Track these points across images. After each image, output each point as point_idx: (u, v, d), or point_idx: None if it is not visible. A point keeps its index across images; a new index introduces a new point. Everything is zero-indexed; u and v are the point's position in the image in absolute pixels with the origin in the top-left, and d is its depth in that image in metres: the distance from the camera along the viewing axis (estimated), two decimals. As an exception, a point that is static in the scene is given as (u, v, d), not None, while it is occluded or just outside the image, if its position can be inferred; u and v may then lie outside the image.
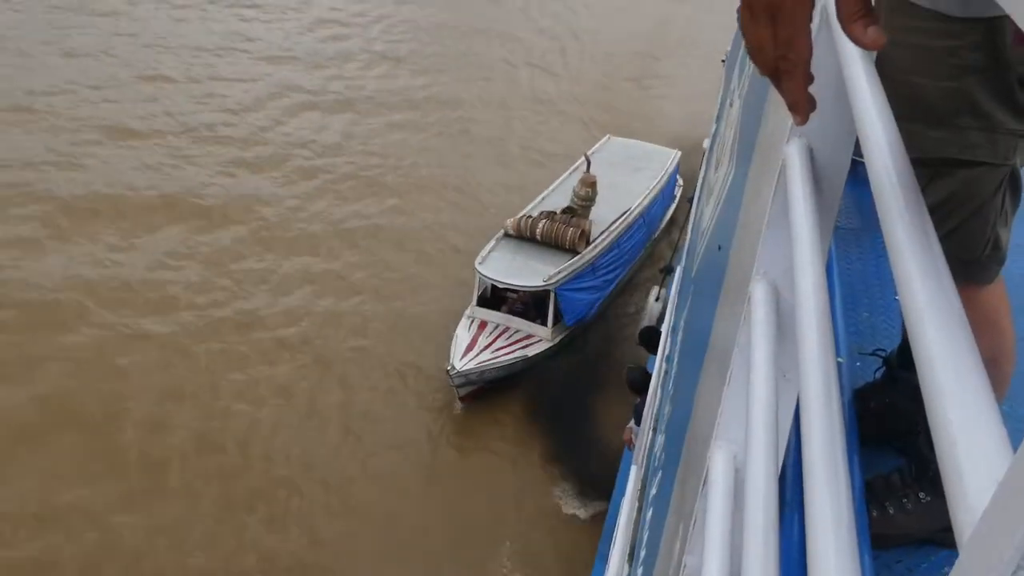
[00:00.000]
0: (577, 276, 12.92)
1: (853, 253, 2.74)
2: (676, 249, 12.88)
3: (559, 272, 12.57)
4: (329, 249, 14.94)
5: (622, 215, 14.05)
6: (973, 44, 1.40)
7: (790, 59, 0.76)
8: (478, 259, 12.98)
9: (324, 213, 15.84)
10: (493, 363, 12.13)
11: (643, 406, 6.80)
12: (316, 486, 10.76)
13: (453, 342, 12.39)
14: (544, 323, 12.79)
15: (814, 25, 0.89)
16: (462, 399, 12.13)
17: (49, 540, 9.43)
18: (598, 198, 13.79)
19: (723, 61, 10.64)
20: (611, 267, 13.79)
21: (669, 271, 12.03)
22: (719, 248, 2.41)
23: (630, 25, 26.72)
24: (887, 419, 1.97)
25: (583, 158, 14.57)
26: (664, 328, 6.28)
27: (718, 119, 5.76)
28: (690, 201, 11.40)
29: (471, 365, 11.91)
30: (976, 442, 0.49)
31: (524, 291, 12.91)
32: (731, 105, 3.85)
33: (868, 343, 2.25)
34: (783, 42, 0.74)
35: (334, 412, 11.79)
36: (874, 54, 1.05)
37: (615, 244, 13.75)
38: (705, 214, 3.72)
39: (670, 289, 9.62)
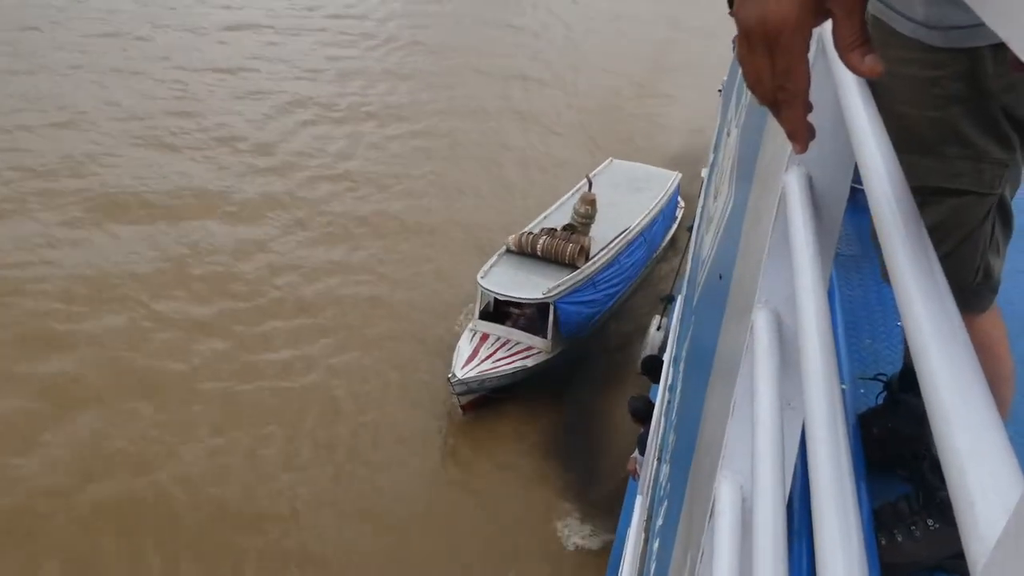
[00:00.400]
0: (577, 290, 13.24)
1: (854, 279, 2.74)
2: (676, 278, 12.91)
3: (558, 285, 12.89)
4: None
5: (621, 233, 14.40)
6: (955, 74, 1.41)
7: (788, 89, 0.76)
8: (480, 273, 13.31)
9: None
10: (493, 372, 12.44)
11: (647, 435, 6.77)
12: (312, 523, 10.73)
13: (455, 353, 12.71)
14: (544, 335, 13.10)
15: (811, 54, 0.89)
16: (463, 407, 12.40)
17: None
18: (599, 217, 14.17)
19: (719, 91, 10.72)
20: (611, 282, 14.09)
21: (670, 300, 12.05)
22: (720, 277, 2.41)
23: (632, 49, 27.55)
24: (890, 444, 1.96)
25: (585, 179, 14.96)
26: (666, 357, 6.26)
27: (716, 149, 5.79)
28: (689, 230, 11.44)
29: (472, 373, 12.23)
30: (986, 469, 0.48)
31: (525, 303, 13.21)
32: (728, 135, 3.87)
33: (870, 368, 2.25)
34: (781, 72, 0.75)
35: (339, 440, 11.88)
36: (869, 82, 1.06)
37: (615, 260, 14.08)
38: (705, 243, 3.72)
39: (671, 318, 9.62)
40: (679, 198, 17.14)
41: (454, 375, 12.08)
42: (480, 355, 12.68)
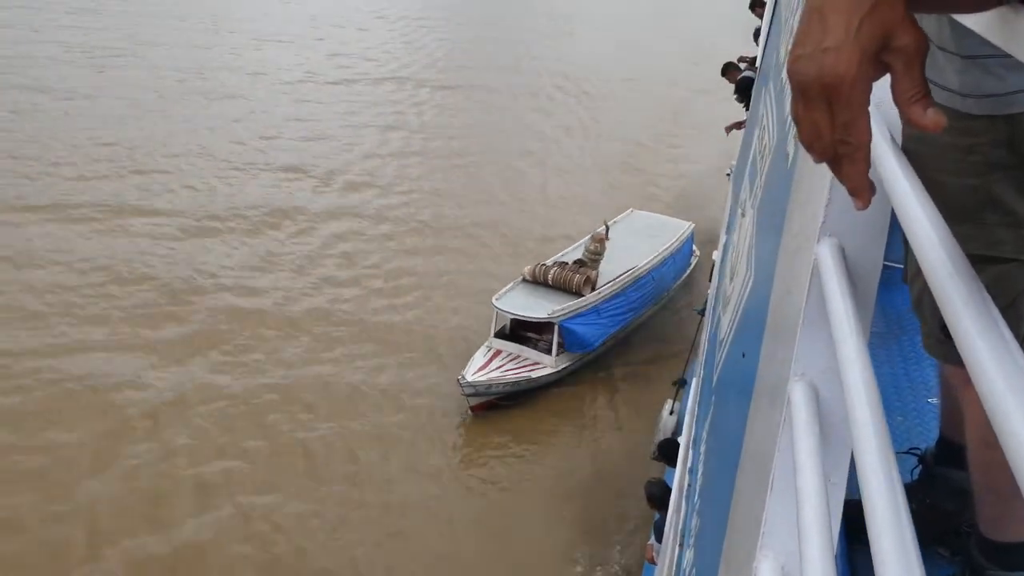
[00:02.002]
0: (580, 314, 15.04)
1: (881, 357, 2.70)
2: (688, 362, 12.91)
3: (563, 308, 14.85)
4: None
5: (628, 271, 16.42)
6: (993, 141, 1.40)
7: (851, 143, 0.74)
8: (495, 296, 15.32)
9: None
10: (500, 379, 14.19)
11: (663, 522, 6.62)
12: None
13: (470, 362, 14.44)
14: (549, 352, 14.91)
15: None
16: (472, 408, 14.06)
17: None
18: (613, 256, 16.33)
19: (728, 175, 10.84)
20: (615, 312, 15.91)
21: (682, 384, 11.99)
22: (743, 356, 2.37)
23: (651, 109, 30.32)
24: (929, 520, 1.90)
25: (603, 224, 16.93)
26: (683, 440, 6.17)
27: (728, 231, 5.79)
28: (700, 313, 11.44)
29: (481, 378, 13.99)
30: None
31: (532, 321, 14.99)
32: (743, 215, 3.87)
33: (903, 445, 2.20)
34: (841, 126, 0.73)
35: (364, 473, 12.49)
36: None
37: (620, 293, 16.02)
38: (723, 323, 3.70)
39: (685, 402, 9.53)
40: (694, 246, 18.98)
41: (464, 377, 13.82)
42: (491, 366, 14.41)
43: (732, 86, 13.91)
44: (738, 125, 13.32)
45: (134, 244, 17.84)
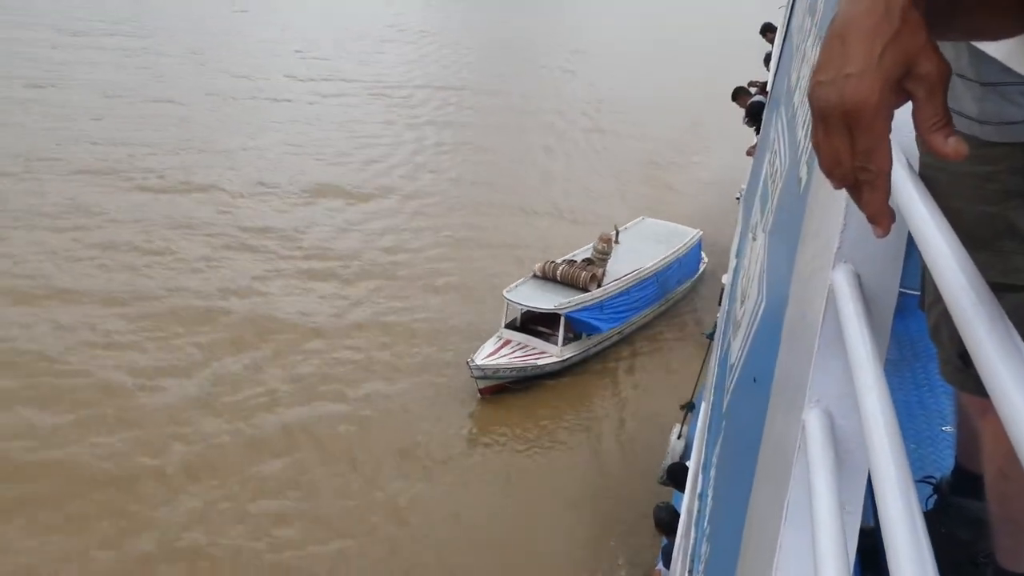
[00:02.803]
0: (585, 308, 16.12)
1: (893, 384, 2.68)
2: (697, 386, 12.86)
3: (568, 301, 15.99)
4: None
5: (632, 271, 17.49)
6: (1011, 168, 1.40)
7: (871, 170, 0.73)
8: (506, 289, 16.50)
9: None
10: (507, 364, 15.20)
11: (672, 547, 6.57)
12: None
13: (480, 348, 15.41)
14: (555, 343, 15.87)
15: None
16: (481, 391, 14.99)
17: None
18: (621, 257, 17.60)
19: (737, 198, 10.84)
20: (618, 309, 16.94)
21: (691, 408, 11.93)
22: (755, 380, 2.36)
23: (669, 121, 31.72)
24: (945, 550, 1.87)
25: (614, 229, 18.42)
26: (692, 465, 6.13)
27: (738, 254, 5.78)
28: (709, 337, 11.41)
29: (488, 362, 15.00)
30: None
31: (539, 313, 16.06)
32: (754, 239, 3.87)
33: (917, 473, 2.18)
34: (862, 153, 0.73)
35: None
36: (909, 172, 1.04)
37: (625, 291, 17.10)
38: (734, 348, 3.68)
39: (693, 426, 9.48)
40: (702, 252, 19.96)
41: (473, 360, 14.87)
42: (500, 353, 15.44)
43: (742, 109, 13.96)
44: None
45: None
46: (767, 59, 14.13)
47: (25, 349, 14.69)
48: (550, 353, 15.85)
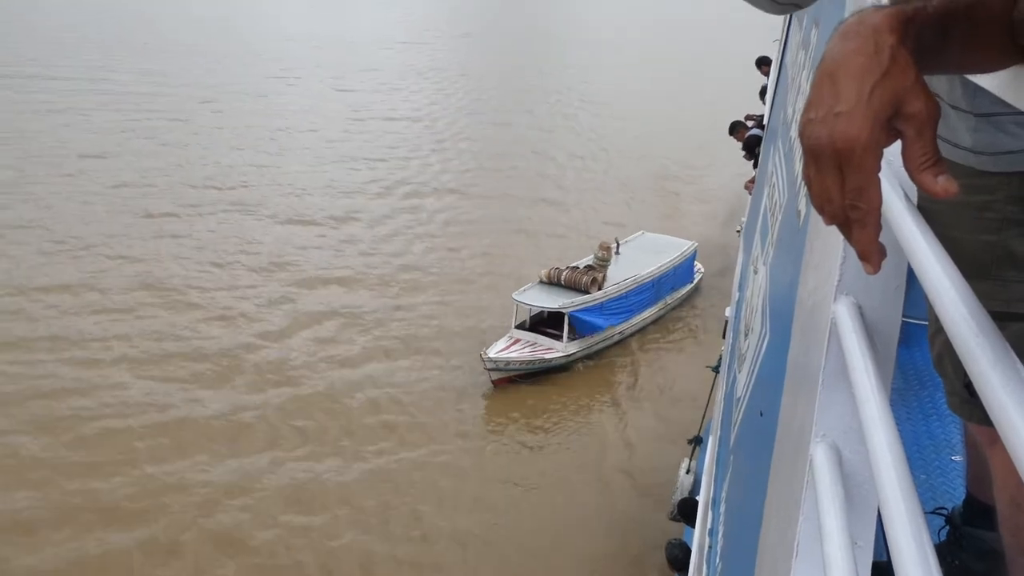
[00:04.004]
0: (587, 308, 18.00)
1: (901, 415, 2.66)
2: (704, 420, 12.82)
3: (571, 302, 17.92)
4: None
5: (630, 277, 19.39)
6: (1008, 197, 1.39)
7: (861, 208, 0.74)
8: (515, 292, 18.41)
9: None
10: (517, 358, 16.96)
11: (684, 585, 6.49)
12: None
13: (493, 345, 17.17)
14: (560, 339, 17.65)
15: None
16: (494, 382, 16.65)
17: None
18: (623, 267, 19.64)
19: (738, 231, 10.85)
20: (618, 310, 18.88)
21: (699, 442, 11.86)
22: (761, 414, 2.35)
23: (675, 142, 33.91)
24: None
25: (615, 240, 20.44)
26: (702, 500, 6.07)
27: (740, 287, 5.78)
28: (715, 371, 11.37)
29: (500, 355, 16.73)
30: None
31: (546, 313, 18.02)
32: (755, 272, 3.87)
33: (927, 505, 2.15)
34: (852, 191, 0.73)
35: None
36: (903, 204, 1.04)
37: (623, 295, 19.01)
38: (739, 382, 3.67)
39: (701, 460, 9.42)
40: (696, 262, 22.10)
41: (486, 354, 16.57)
42: (511, 349, 17.17)
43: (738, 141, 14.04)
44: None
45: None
46: (763, 92, 14.24)
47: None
48: (556, 349, 17.62)
